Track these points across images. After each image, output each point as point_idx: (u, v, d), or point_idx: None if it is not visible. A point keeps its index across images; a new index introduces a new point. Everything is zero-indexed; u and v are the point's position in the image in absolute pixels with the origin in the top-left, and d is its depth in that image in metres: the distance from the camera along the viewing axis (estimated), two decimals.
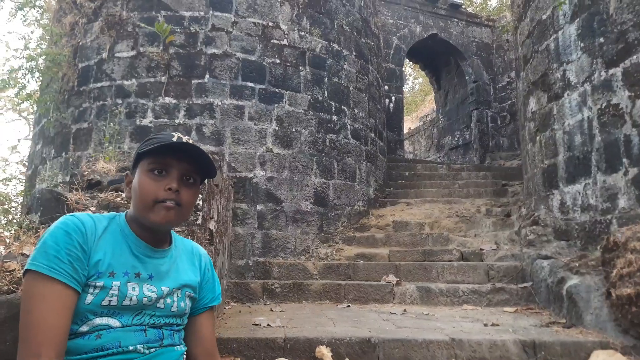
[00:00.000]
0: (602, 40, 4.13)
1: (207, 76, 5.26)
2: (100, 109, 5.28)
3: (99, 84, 5.37)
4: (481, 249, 4.80)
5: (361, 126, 6.40)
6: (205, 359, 1.14)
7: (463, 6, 11.08)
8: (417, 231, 5.58)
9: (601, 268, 3.14)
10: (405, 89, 23.19)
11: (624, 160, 3.81)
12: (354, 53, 6.45)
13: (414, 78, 24.81)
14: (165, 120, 5.07)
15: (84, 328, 0.94)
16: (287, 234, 5.31)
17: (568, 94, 4.51)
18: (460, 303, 3.95)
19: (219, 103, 5.24)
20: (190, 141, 1.07)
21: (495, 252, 4.70)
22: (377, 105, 7.17)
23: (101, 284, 0.96)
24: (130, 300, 0.98)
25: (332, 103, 5.97)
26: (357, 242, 5.47)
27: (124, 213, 1.09)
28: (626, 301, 2.70)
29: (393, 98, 9.62)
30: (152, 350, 1.00)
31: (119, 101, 5.21)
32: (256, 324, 3.17)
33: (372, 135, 6.76)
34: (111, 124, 4.90)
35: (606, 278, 2.98)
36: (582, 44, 4.36)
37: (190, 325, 1.15)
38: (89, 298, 0.95)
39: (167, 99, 5.17)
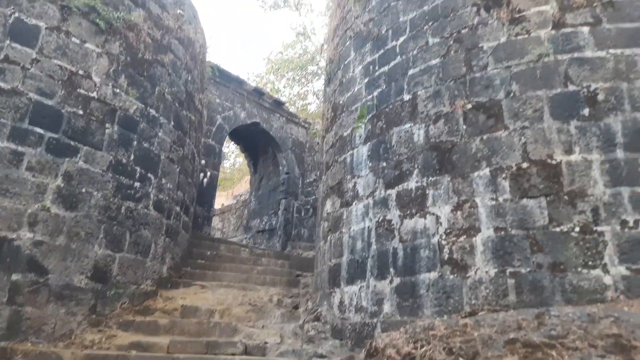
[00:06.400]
0: (384, 164, 4.92)
1: None
2: None
3: None
4: (265, 342, 4.77)
5: (167, 197, 6.04)
6: None
7: (286, 104, 12.18)
8: (206, 319, 5.28)
9: None
10: (227, 164, 23.47)
11: (391, 269, 4.42)
12: (172, 123, 6.26)
13: (237, 156, 25.45)
14: None
15: None
16: (46, 313, 4.38)
17: (356, 204, 5.15)
18: None
19: None
20: None
21: (278, 346, 4.72)
22: (189, 179, 6.96)
23: None
24: None
25: (138, 168, 5.53)
26: (135, 327, 4.84)
27: None
28: None
29: (208, 173, 9.54)
30: None
31: None
32: None
33: (178, 209, 6.44)
34: None
35: None
36: (370, 164, 5.12)
37: None
38: None
39: None
